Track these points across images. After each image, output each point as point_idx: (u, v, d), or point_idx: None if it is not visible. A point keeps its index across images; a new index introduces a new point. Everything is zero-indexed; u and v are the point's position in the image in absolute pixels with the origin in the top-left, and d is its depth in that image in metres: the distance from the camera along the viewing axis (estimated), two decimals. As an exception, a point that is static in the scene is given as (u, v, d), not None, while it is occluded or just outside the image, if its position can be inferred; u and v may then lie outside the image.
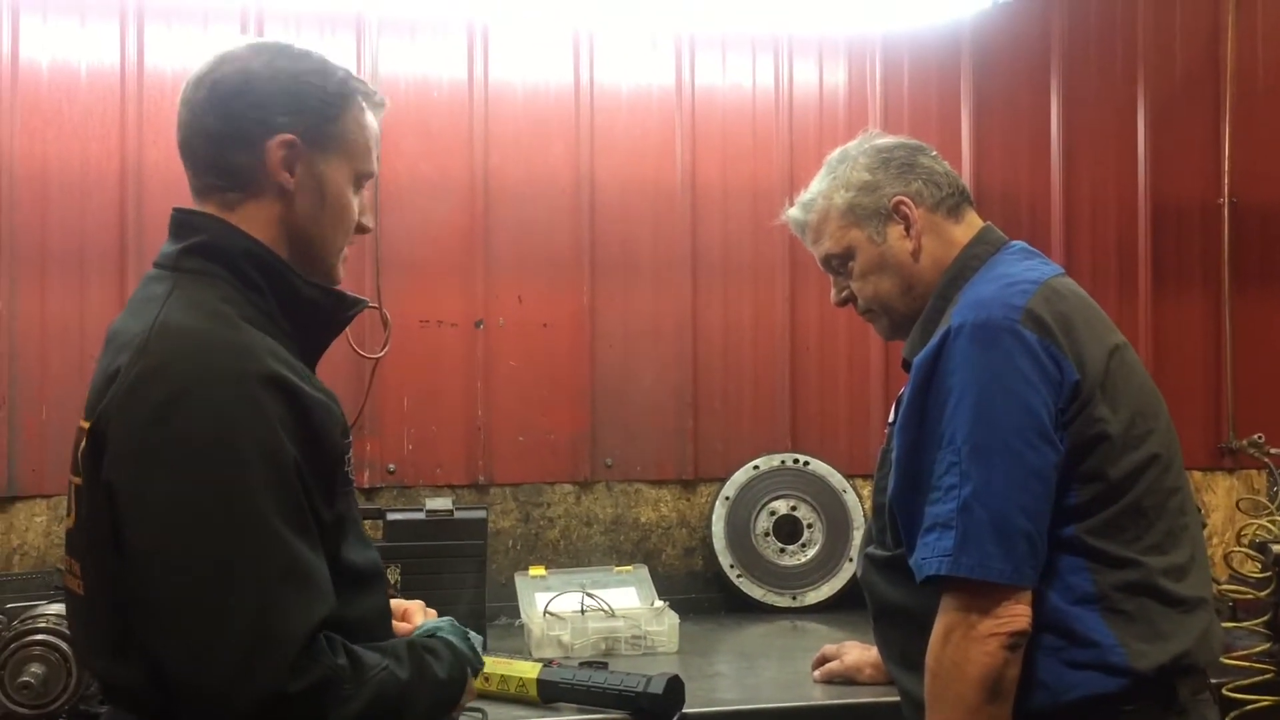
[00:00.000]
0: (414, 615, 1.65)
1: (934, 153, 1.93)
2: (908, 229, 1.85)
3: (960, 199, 1.89)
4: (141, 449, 1.30)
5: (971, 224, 1.88)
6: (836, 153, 1.95)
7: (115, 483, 1.31)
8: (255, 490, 1.29)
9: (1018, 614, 1.57)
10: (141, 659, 1.33)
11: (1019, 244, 1.87)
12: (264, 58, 1.47)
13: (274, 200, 1.46)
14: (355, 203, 1.53)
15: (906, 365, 1.80)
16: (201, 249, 1.44)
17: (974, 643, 1.57)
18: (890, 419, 1.82)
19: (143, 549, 1.31)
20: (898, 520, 1.71)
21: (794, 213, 1.98)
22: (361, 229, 1.55)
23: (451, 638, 1.56)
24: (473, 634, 1.61)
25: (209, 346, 1.34)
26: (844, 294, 1.95)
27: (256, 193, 1.46)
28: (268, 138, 1.44)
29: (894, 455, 1.71)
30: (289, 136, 1.45)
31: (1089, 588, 1.62)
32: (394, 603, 1.65)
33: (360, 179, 1.53)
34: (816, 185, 1.94)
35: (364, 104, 1.52)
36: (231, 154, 1.45)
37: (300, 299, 1.48)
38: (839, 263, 1.93)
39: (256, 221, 1.46)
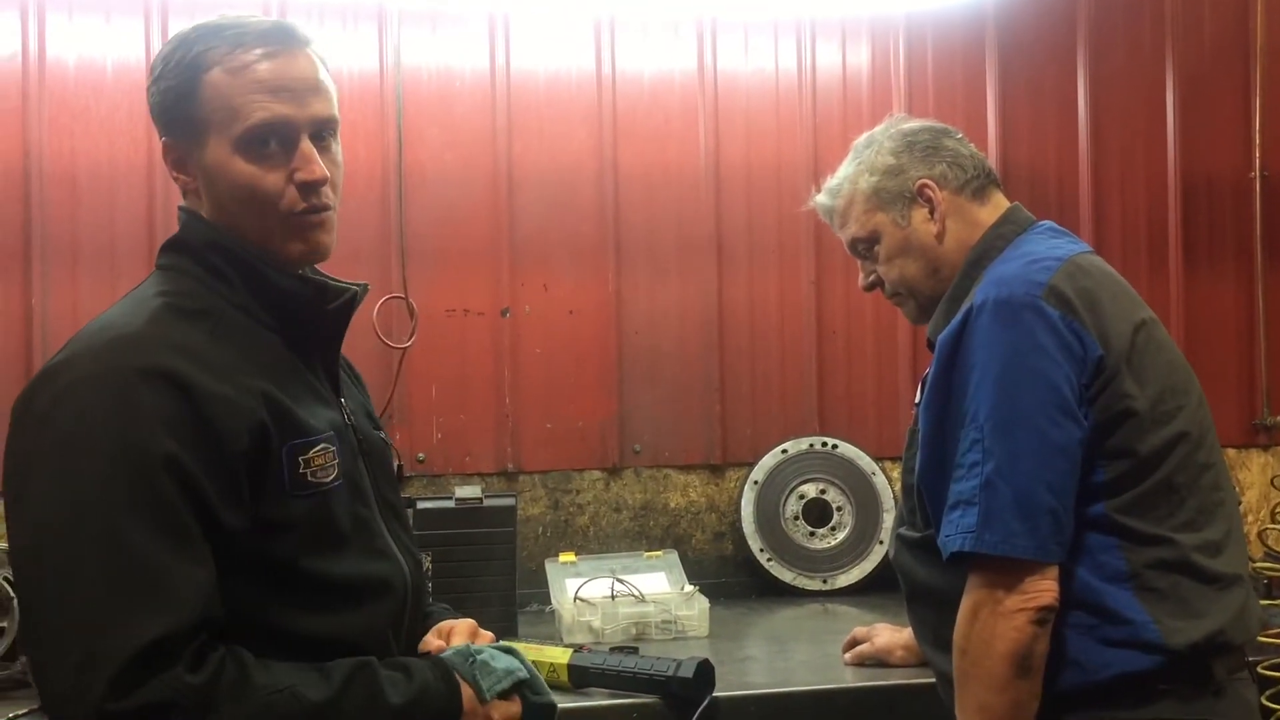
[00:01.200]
0: (456, 636, 1.51)
1: (960, 135, 1.93)
2: (932, 212, 1.86)
3: (986, 181, 1.88)
4: (22, 448, 1.27)
5: (998, 205, 1.88)
6: (863, 138, 1.97)
7: (5, 481, 1.29)
8: (106, 490, 1.21)
9: (1044, 589, 1.57)
10: None
11: (1047, 223, 1.86)
12: (157, 57, 1.44)
13: (195, 200, 1.43)
14: (256, 169, 1.37)
15: (931, 344, 1.79)
16: (173, 244, 1.44)
17: (1001, 619, 1.56)
18: (916, 399, 1.82)
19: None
20: (925, 499, 1.70)
21: (821, 199, 2.00)
22: (303, 185, 1.38)
23: (450, 657, 1.43)
24: (513, 658, 1.46)
25: (104, 342, 1.30)
26: (871, 278, 1.96)
27: (188, 195, 1.44)
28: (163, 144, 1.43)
29: (920, 434, 1.71)
30: (165, 140, 1.43)
31: (1121, 566, 1.61)
32: (444, 623, 1.54)
33: (251, 140, 1.36)
34: (843, 171, 1.96)
35: (227, 59, 1.37)
36: None
37: (274, 289, 1.41)
38: (865, 247, 1.93)
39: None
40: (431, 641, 1.50)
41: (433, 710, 1.37)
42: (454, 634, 1.51)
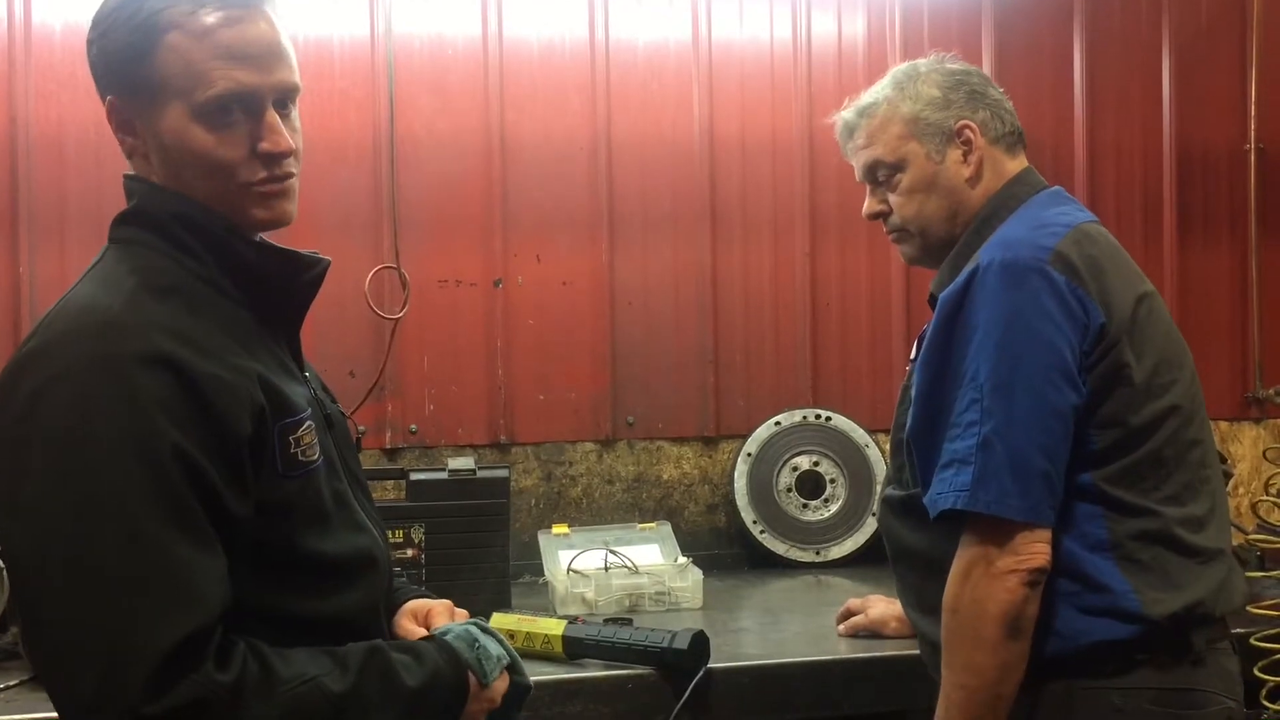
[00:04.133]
0: (436, 618, 1.50)
1: (1001, 89, 1.91)
2: (966, 155, 1.82)
3: (1017, 139, 1.87)
4: (8, 440, 1.21)
5: (1021, 164, 1.87)
6: (904, 66, 1.91)
7: None
8: (119, 485, 1.17)
9: (1037, 551, 1.57)
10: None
11: (1056, 189, 1.85)
12: (102, 10, 1.35)
13: (142, 163, 1.37)
14: (215, 138, 1.31)
15: (932, 301, 1.78)
16: (132, 216, 1.37)
17: (994, 579, 1.57)
18: (912, 355, 1.81)
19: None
20: (914, 456, 1.70)
21: (847, 114, 1.92)
22: (266, 156, 1.33)
23: (454, 641, 1.42)
24: (496, 641, 1.47)
25: (90, 326, 1.24)
26: (880, 207, 1.90)
27: (134, 158, 1.38)
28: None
29: (914, 391, 1.70)
30: (110, 98, 1.35)
31: (1104, 535, 1.61)
32: (418, 603, 1.54)
33: (212, 109, 1.30)
34: (881, 91, 1.88)
35: (187, 21, 1.29)
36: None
37: (242, 262, 1.36)
38: (885, 173, 1.88)
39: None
40: (407, 624, 1.50)
41: (443, 693, 1.38)
42: (433, 615, 1.51)
